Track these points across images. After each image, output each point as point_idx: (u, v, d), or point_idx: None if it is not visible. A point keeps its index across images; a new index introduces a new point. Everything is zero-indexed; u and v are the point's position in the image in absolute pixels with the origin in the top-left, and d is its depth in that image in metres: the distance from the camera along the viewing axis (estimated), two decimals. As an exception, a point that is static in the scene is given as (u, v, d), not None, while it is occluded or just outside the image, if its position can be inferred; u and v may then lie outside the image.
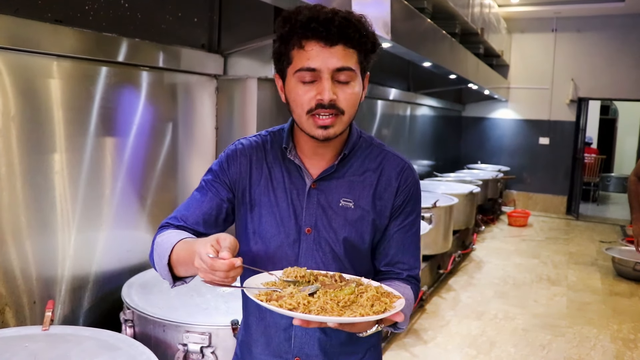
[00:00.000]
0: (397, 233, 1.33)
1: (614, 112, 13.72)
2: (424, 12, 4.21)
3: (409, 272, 1.35)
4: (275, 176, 1.31)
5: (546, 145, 9.28)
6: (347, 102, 1.21)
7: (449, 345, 3.89)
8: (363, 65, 1.24)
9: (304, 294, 1.09)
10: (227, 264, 1.02)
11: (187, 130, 2.78)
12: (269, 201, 1.30)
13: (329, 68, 1.17)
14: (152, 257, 1.28)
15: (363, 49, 1.22)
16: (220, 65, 2.86)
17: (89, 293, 2.32)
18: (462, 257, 6.03)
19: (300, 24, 1.17)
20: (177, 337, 1.91)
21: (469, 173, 8.17)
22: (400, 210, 1.32)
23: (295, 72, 1.20)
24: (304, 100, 1.20)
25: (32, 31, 1.93)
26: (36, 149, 2.03)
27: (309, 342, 1.31)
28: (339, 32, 1.16)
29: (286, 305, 1.05)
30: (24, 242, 2.03)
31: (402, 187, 1.31)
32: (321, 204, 1.29)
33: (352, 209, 1.29)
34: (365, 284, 1.17)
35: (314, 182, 1.29)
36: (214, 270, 1.03)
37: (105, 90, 2.27)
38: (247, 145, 1.36)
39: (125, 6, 2.35)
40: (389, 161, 1.33)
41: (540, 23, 9.01)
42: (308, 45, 1.18)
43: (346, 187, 1.30)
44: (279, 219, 1.29)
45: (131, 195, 2.47)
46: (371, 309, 1.06)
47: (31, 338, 1.77)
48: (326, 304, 1.06)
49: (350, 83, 1.21)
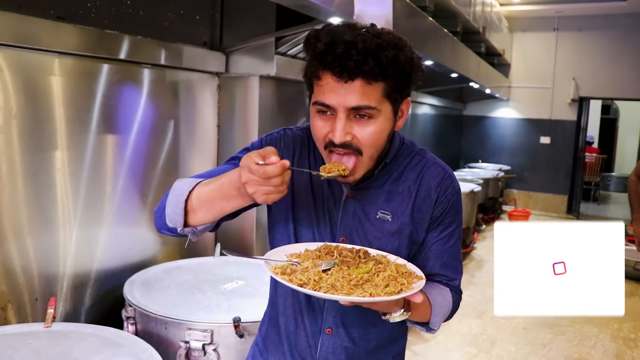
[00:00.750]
0: (435, 245, 1.27)
1: (615, 112, 13.72)
2: (426, 10, 4.21)
3: (449, 283, 1.30)
4: (315, 180, 1.25)
5: (547, 144, 9.28)
6: (367, 141, 1.11)
7: (449, 343, 3.89)
8: (393, 97, 1.12)
9: (317, 269, 1.06)
10: (279, 165, 0.95)
11: (189, 128, 2.77)
12: (307, 208, 1.25)
13: (343, 107, 1.08)
14: (165, 201, 1.17)
15: (391, 81, 1.09)
16: (222, 62, 2.85)
17: (91, 290, 2.31)
18: (463, 256, 6.03)
19: (316, 53, 1.08)
20: (179, 334, 1.91)
21: (470, 172, 8.16)
22: (439, 222, 1.26)
23: (313, 104, 1.13)
24: (319, 136, 1.14)
25: (34, 28, 1.93)
26: (38, 146, 2.03)
27: (335, 351, 1.27)
28: (356, 67, 1.04)
29: (296, 281, 1.03)
30: (26, 240, 2.03)
31: (442, 198, 1.25)
32: (357, 215, 1.23)
33: (390, 222, 1.23)
34: (387, 262, 1.12)
35: (351, 190, 1.24)
36: (268, 177, 0.95)
37: (106, 87, 2.27)
38: (292, 137, 1.29)
39: (127, 3, 2.35)
40: (429, 170, 1.26)
41: (542, 22, 9.00)
42: (324, 78, 1.09)
43: (384, 197, 1.24)
44: (315, 225, 1.24)
45: (132, 193, 2.47)
46: (384, 290, 1.02)
47: (33, 335, 1.77)
48: (337, 282, 1.03)
49: (372, 120, 1.10)
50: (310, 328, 1.27)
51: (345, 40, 1.04)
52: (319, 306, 1.27)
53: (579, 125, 9.11)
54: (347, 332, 1.27)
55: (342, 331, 1.26)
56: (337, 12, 2.30)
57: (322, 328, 1.27)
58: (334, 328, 1.26)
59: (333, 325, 1.26)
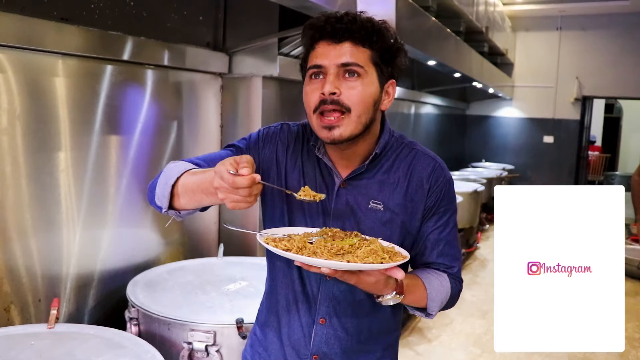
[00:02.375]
0: (432, 234, 1.31)
1: (618, 111, 13.68)
2: (429, 10, 4.20)
3: (447, 271, 1.33)
4: (308, 171, 1.29)
5: (550, 143, 9.25)
6: (353, 98, 1.17)
7: (453, 343, 3.89)
8: (380, 66, 1.21)
9: (303, 239, 1.12)
10: (249, 179, 1.00)
11: (192, 129, 2.78)
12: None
13: (333, 64, 1.17)
14: (156, 181, 1.24)
15: (377, 48, 1.20)
16: (225, 63, 2.85)
17: (94, 291, 2.32)
18: (467, 256, 6.03)
19: (314, 27, 1.20)
20: (182, 335, 1.91)
21: (473, 171, 8.15)
22: (434, 211, 1.30)
23: (307, 72, 1.22)
24: (310, 98, 1.20)
25: (38, 29, 1.94)
26: (41, 147, 2.04)
27: (328, 342, 1.30)
28: (345, 29, 1.17)
29: (281, 246, 1.09)
30: (29, 240, 2.03)
31: (434, 187, 1.28)
32: (350, 205, 1.27)
33: (382, 212, 1.26)
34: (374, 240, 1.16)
35: (344, 181, 1.27)
36: (236, 187, 1.00)
37: (110, 88, 2.27)
38: (288, 131, 1.34)
39: (131, 4, 2.35)
40: (419, 161, 1.30)
41: (545, 21, 8.98)
42: (318, 46, 1.20)
43: (376, 187, 1.27)
44: (308, 216, 1.28)
45: (136, 194, 2.47)
46: (363, 260, 1.07)
47: (37, 336, 1.77)
48: (318, 249, 1.09)
49: (359, 80, 1.18)
50: (304, 318, 1.31)
51: (339, 14, 1.20)
52: (313, 296, 1.30)
53: (582, 125, 9.09)
54: (341, 322, 1.30)
55: (335, 321, 1.29)
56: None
57: (316, 319, 1.30)
58: (327, 318, 1.29)
59: (326, 315, 1.29)
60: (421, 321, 4.22)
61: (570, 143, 9.14)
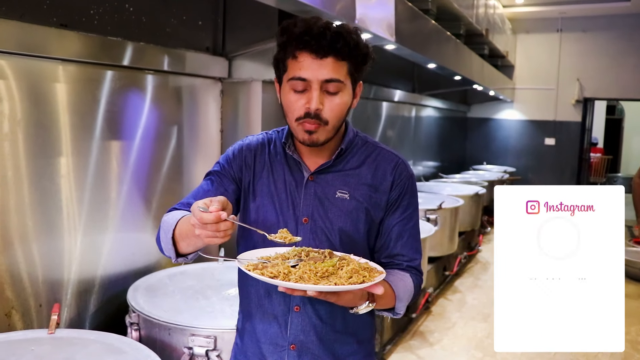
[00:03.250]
0: (396, 226, 1.39)
1: (620, 112, 13.68)
2: (429, 13, 4.21)
3: (409, 263, 1.40)
4: (276, 169, 1.39)
5: (552, 145, 9.24)
6: (332, 112, 1.28)
7: (454, 347, 3.88)
8: (354, 76, 1.31)
9: (287, 264, 1.17)
10: (215, 215, 1.07)
11: (192, 133, 2.78)
12: (270, 192, 1.37)
13: (318, 79, 1.25)
14: (159, 235, 1.33)
15: (354, 61, 1.29)
16: (225, 68, 2.86)
17: (95, 296, 2.32)
18: (468, 259, 6.01)
19: (295, 35, 1.26)
20: (182, 340, 1.91)
21: (475, 174, 8.15)
22: (398, 204, 1.39)
23: (289, 80, 1.28)
24: (295, 108, 1.28)
25: (37, 36, 1.95)
26: (42, 152, 2.04)
27: (304, 329, 1.35)
28: (329, 46, 1.23)
29: (267, 274, 1.14)
30: (30, 246, 2.04)
31: (397, 180, 1.38)
32: (318, 196, 1.35)
33: (348, 200, 1.35)
34: (350, 259, 1.22)
35: (312, 174, 1.36)
36: (204, 222, 1.07)
37: (110, 93, 2.28)
38: (254, 141, 1.44)
39: (130, 10, 2.36)
40: (383, 157, 1.40)
41: (545, 23, 8.97)
42: (301, 56, 1.26)
43: (342, 179, 1.37)
44: (279, 209, 1.36)
45: (137, 199, 2.48)
46: (348, 281, 1.13)
47: (37, 341, 1.77)
48: (304, 274, 1.14)
49: (339, 94, 1.28)
50: (278, 307, 1.36)
51: (318, 25, 1.25)
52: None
53: (583, 126, 9.08)
54: (315, 310, 1.35)
55: (309, 308, 1.35)
56: (339, 16, 2.31)
57: (291, 306, 1.35)
58: (301, 305, 1.35)
59: (300, 302, 1.35)
60: (423, 325, 4.21)
61: (571, 145, 9.12)
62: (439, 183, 6.69)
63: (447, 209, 4.72)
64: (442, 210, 4.59)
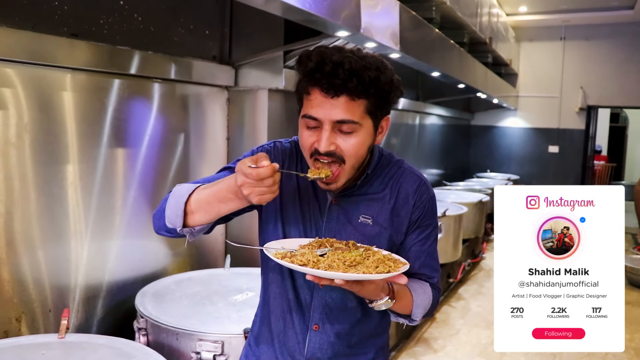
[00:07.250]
0: (415, 246, 1.38)
1: (624, 120, 13.66)
2: (432, 22, 4.23)
3: (428, 281, 1.41)
4: (302, 187, 1.36)
5: (556, 153, 9.24)
6: (349, 151, 1.23)
7: (458, 354, 3.88)
8: (374, 113, 1.25)
9: (315, 253, 1.17)
10: (271, 167, 1.06)
11: (199, 141, 2.81)
12: (295, 212, 1.35)
13: (329, 120, 1.20)
14: (163, 206, 1.27)
15: (372, 99, 1.22)
16: (231, 76, 2.89)
17: (103, 302, 2.34)
18: (472, 266, 6.01)
19: (306, 71, 1.21)
20: (190, 345, 1.93)
21: (478, 182, 8.15)
22: (417, 225, 1.37)
23: (302, 117, 1.26)
24: (306, 145, 1.26)
25: (48, 45, 1.98)
26: (50, 160, 2.07)
27: (322, 347, 1.36)
28: (342, 85, 1.17)
29: (297, 262, 1.14)
30: (38, 252, 2.06)
31: (418, 203, 1.36)
32: (340, 220, 1.34)
33: (371, 225, 1.34)
34: (374, 251, 1.24)
35: (335, 197, 1.34)
36: (261, 178, 1.06)
37: (118, 102, 2.31)
38: (282, 149, 1.40)
39: (139, 19, 2.39)
40: (406, 179, 1.37)
41: (549, 31, 9.00)
42: (313, 93, 1.22)
43: (366, 204, 1.35)
44: (302, 230, 1.35)
45: (143, 206, 2.50)
46: (375, 270, 1.14)
47: (48, 346, 1.79)
48: (333, 262, 1.14)
49: (354, 133, 1.22)
50: (298, 325, 1.37)
51: (333, 60, 1.17)
52: (306, 304, 1.36)
53: (587, 134, 9.08)
54: (333, 328, 1.36)
55: (328, 327, 1.36)
56: (344, 25, 2.33)
57: (310, 325, 1.36)
58: (320, 324, 1.36)
59: (319, 322, 1.36)
60: (427, 331, 4.22)
61: (575, 153, 9.12)
62: (442, 190, 6.70)
63: (451, 216, 4.73)
64: (446, 217, 4.60)
